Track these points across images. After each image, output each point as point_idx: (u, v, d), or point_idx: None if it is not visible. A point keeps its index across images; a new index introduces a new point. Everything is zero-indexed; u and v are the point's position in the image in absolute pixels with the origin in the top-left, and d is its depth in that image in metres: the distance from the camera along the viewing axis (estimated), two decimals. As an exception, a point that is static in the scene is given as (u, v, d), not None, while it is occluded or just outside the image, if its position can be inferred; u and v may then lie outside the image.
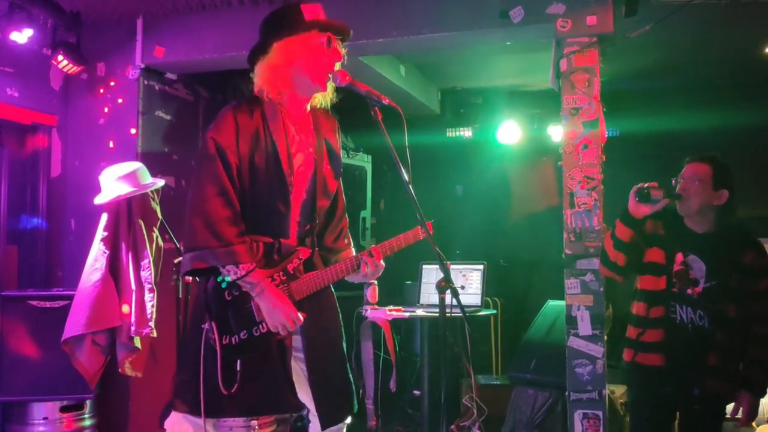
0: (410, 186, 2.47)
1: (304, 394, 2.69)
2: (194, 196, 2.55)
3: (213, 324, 2.53)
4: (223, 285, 2.58)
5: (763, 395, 3.24)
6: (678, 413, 3.35)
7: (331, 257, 2.85)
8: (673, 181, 3.30)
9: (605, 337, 3.91)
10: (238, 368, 2.54)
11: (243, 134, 2.58)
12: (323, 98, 2.75)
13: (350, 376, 2.82)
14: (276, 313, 2.55)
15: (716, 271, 3.19)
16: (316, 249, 2.79)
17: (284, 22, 2.66)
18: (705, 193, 3.21)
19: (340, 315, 2.86)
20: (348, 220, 2.95)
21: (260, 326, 2.58)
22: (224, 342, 2.54)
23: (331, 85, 2.68)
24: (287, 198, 2.65)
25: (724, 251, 3.21)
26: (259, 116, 2.63)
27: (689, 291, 3.22)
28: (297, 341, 2.70)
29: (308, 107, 2.75)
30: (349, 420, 2.78)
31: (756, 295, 3.20)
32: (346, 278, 2.74)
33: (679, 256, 3.25)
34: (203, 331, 2.55)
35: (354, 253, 2.84)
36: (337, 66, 2.66)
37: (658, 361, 3.24)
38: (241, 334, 2.57)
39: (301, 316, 2.59)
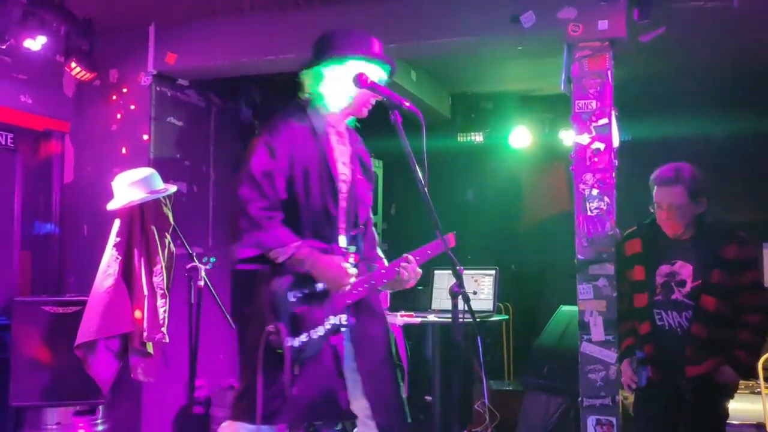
0: (426, 190, 2.48)
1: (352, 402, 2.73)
2: (238, 190, 2.62)
3: (280, 326, 2.54)
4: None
5: (744, 375, 3.31)
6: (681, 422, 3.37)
7: (368, 266, 2.92)
8: (651, 209, 3.38)
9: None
10: (296, 372, 2.57)
11: (296, 140, 2.69)
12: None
13: (401, 385, 2.85)
14: (330, 272, 2.63)
15: (701, 270, 3.25)
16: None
17: (351, 47, 2.75)
18: (688, 212, 3.28)
19: (388, 323, 2.91)
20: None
21: (317, 329, 2.63)
22: (289, 344, 2.56)
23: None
24: (337, 201, 2.73)
25: (708, 249, 3.27)
26: (308, 124, 2.75)
27: (673, 296, 3.28)
28: (348, 349, 2.75)
29: (346, 122, 2.89)
30: None
31: (743, 288, 3.25)
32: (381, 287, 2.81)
33: (663, 268, 3.32)
34: (265, 334, 2.55)
35: (386, 263, 2.92)
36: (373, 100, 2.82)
37: (652, 373, 3.35)
38: (303, 336, 2.61)
39: (354, 270, 2.68)
